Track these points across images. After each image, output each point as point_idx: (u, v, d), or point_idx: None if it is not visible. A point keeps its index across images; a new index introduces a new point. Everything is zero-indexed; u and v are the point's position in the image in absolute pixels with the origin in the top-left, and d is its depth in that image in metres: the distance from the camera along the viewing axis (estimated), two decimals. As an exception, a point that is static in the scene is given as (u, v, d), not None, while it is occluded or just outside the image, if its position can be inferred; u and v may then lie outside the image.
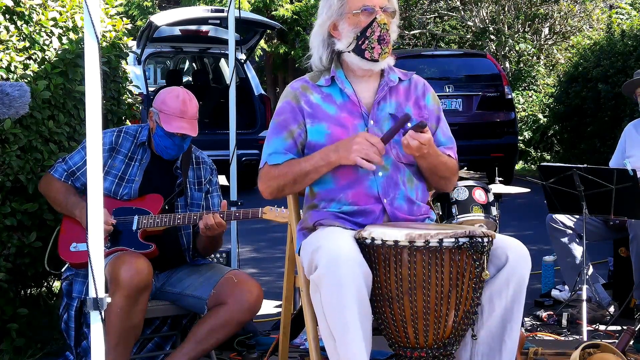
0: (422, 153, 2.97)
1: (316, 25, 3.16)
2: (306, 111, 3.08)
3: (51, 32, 4.35)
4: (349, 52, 3.09)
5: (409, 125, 2.99)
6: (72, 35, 4.44)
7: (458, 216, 4.72)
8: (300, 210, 3.29)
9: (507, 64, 15.77)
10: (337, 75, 3.13)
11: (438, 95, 3.29)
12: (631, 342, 3.97)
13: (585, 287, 4.56)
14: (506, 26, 16.58)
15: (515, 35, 16.23)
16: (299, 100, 3.10)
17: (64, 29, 4.44)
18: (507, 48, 15.99)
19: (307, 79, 3.18)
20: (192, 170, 3.92)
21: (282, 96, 3.16)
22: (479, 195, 4.79)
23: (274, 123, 3.12)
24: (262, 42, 18.73)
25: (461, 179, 4.77)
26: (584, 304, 4.50)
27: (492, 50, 15.98)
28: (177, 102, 3.75)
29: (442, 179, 3.17)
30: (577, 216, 4.90)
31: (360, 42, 3.05)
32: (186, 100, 3.76)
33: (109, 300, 2.62)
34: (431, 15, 18.07)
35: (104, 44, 4.66)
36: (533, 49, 16.00)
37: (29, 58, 4.20)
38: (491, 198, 4.83)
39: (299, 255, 3.13)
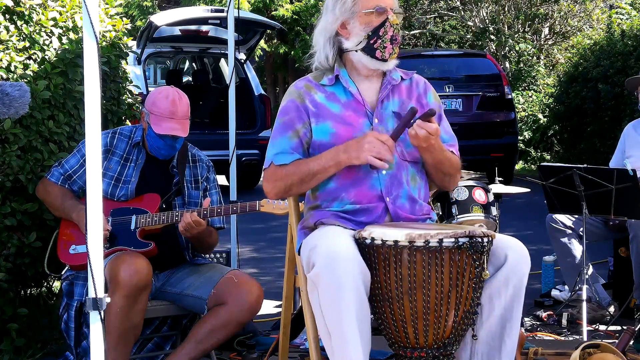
0: (429, 144, 2.95)
1: (321, 22, 3.14)
2: (311, 110, 3.07)
3: (51, 32, 4.35)
4: (356, 51, 3.08)
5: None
6: (72, 35, 4.44)
7: (458, 216, 4.73)
8: (300, 203, 3.29)
9: (507, 64, 15.76)
10: (341, 75, 3.13)
11: (438, 95, 3.29)
12: (631, 342, 3.96)
13: (585, 287, 4.56)
14: (506, 26, 16.58)
15: (515, 35, 16.22)
16: (304, 99, 3.09)
17: (64, 29, 4.44)
18: (507, 48, 15.98)
19: (310, 78, 3.17)
20: (188, 168, 3.91)
21: (286, 95, 3.15)
22: (479, 195, 4.80)
23: (279, 122, 3.10)
24: (262, 42, 18.74)
25: (461, 178, 4.77)
26: (584, 304, 4.49)
27: (492, 50, 15.98)
28: (166, 103, 3.72)
29: (446, 176, 3.15)
30: (577, 216, 4.90)
31: (372, 42, 3.05)
32: (176, 100, 3.74)
33: (108, 300, 2.62)
34: (431, 15, 18.07)
35: (104, 43, 4.66)
36: (533, 49, 16.00)
37: (29, 58, 4.20)
38: (491, 198, 4.83)
39: (299, 254, 3.12)
